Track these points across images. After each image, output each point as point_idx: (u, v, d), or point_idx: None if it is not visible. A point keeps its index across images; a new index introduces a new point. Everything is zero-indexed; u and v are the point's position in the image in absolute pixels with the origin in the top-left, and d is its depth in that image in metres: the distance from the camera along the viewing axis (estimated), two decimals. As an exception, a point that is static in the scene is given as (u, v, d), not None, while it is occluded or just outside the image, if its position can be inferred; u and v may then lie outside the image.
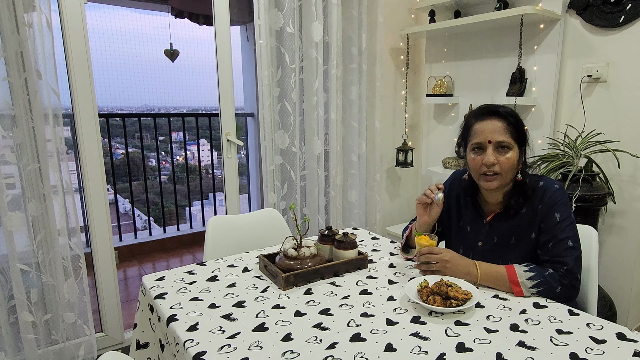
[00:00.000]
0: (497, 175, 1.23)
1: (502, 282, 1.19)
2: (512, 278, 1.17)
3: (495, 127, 1.21)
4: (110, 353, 0.86)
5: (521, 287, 1.16)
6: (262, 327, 1.02)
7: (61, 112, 1.73)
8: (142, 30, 4.99)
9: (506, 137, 1.21)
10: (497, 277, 1.20)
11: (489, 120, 1.23)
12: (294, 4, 2.24)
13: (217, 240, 1.69)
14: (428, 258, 1.24)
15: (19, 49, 1.63)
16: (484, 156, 1.22)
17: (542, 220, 1.24)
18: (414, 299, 1.09)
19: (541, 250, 1.24)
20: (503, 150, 1.22)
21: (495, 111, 1.24)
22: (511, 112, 1.24)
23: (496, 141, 1.21)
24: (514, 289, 1.17)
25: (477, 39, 2.60)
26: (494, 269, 1.21)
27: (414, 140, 3.08)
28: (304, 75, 2.39)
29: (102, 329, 2.14)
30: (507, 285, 1.18)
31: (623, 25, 2.03)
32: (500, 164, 1.21)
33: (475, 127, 1.25)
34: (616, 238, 2.16)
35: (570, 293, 1.17)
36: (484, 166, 1.23)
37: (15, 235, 1.69)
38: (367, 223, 2.84)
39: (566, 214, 1.22)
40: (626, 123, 2.07)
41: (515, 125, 1.23)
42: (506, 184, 1.27)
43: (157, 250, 3.92)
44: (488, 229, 1.34)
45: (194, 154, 4.61)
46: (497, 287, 1.21)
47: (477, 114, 1.27)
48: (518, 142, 1.23)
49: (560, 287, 1.15)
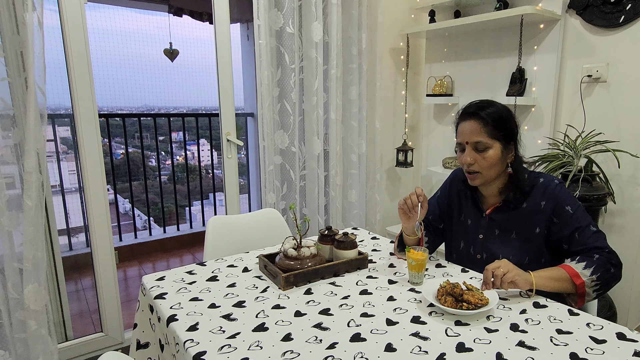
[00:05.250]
0: (476, 173, 1.28)
1: (562, 279, 1.16)
2: (570, 271, 1.16)
3: (472, 128, 1.26)
4: (110, 353, 0.86)
5: (582, 278, 1.15)
6: (262, 327, 1.02)
7: (46, 112, 1.68)
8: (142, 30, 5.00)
9: (482, 138, 1.24)
10: (555, 275, 1.17)
11: (467, 122, 1.28)
12: (294, 4, 2.24)
13: (217, 240, 1.69)
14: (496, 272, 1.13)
15: (19, 48, 1.63)
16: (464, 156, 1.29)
17: (554, 216, 1.25)
18: (426, 296, 1.10)
19: (568, 244, 1.24)
20: (481, 150, 1.26)
21: (474, 112, 1.27)
22: (492, 112, 1.25)
23: (472, 142, 1.26)
24: (576, 281, 1.15)
25: (477, 39, 2.60)
26: (548, 271, 1.18)
27: (414, 140, 3.08)
28: (303, 75, 2.38)
29: (102, 329, 2.14)
30: (568, 281, 1.16)
31: (623, 25, 2.03)
32: (478, 162, 1.26)
33: (459, 127, 1.31)
34: (616, 238, 2.16)
35: (619, 271, 1.20)
36: (465, 165, 1.29)
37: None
38: (367, 223, 2.84)
39: (576, 205, 1.25)
40: (626, 123, 2.07)
41: (495, 124, 1.24)
42: (491, 180, 1.30)
43: (157, 250, 3.92)
44: (488, 222, 1.36)
45: (194, 154, 4.61)
46: (557, 288, 1.17)
47: (461, 114, 1.32)
48: (502, 139, 1.25)
49: (612, 267, 1.18)
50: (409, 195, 1.33)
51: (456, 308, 1.05)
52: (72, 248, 3.50)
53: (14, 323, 1.74)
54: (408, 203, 1.32)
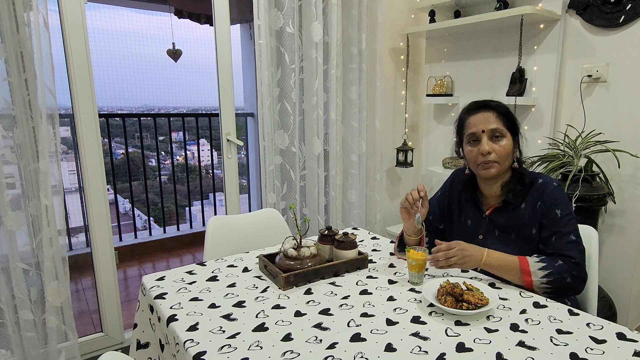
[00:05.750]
0: (494, 163, 1.27)
1: (513, 271, 1.20)
2: (524, 267, 1.19)
3: (487, 117, 1.27)
4: (110, 353, 0.86)
5: (532, 277, 1.17)
6: (262, 327, 1.02)
7: (57, 112, 1.71)
8: (142, 30, 5.00)
9: (499, 125, 1.26)
10: (508, 265, 1.21)
11: (481, 113, 1.29)
12: (294, 4, 2.24)
13: (217, 240, 1.69)
14: (446, 254, 1.23)
15: (19, 49, 1.63)
16: (480, 146, 1.27)
17: (543, 217, 1.26)
18: (426, 295, 1.11)
19: (544, 245, 1.26)
20: (497, 139, 1.26)
21: (486, 104, 1.30)
22: (500, 104, 1.30)
23: (489, 129, 1.26)
24: (524, 279, 1.18)
25: (477, 39, 2.60)
26: (506, 257, 1.23)
27: (414, 140, 3.08)
28: (303, 75, 2.38)
29: (102, 329, 2.14)
30: (517, 275, 1.19)
31: (623, 25, 2.03)
32: (496, 151, 1.26)
33: (469, 121, 1.31)
34: (616, 238, 2.16)
35: (579, 284, 1.19)
36: (481, 156, 1.27)
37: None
38: (367, 223, 2.84)
39: (567, 210, 1.25)
40: (626, 123, 2.07)
41: (506, 114, 1.28)
42: (504, 172, 1.31)
43: (157, 250, 3.92)
44: (488, 223, 1.36)
45: (194, 154, 4.61)
46: (505, 276, 1.22)
47: (469, 109, 1.33)
48: (511, 131, 1.28)
49: (571, 278, 1.17)
50: (410, 191, 1.34)
51: (456, 308, 1.05)
52: (72, 248, 3.50)
53: (20, 323, 1.74)
54: (409, 199, 1.33)
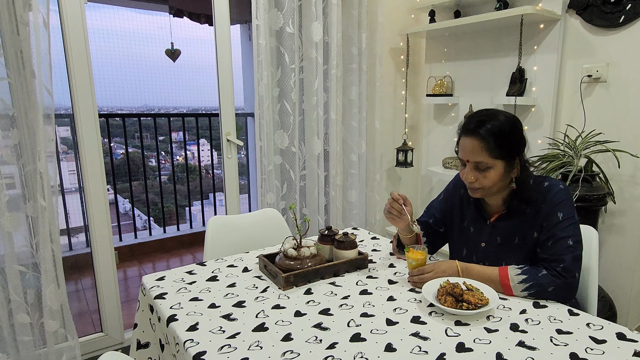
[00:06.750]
0: (478, 189, 1.25)
1: (492, 284, 1.19)
2: (503, 281, 1.19)
3: (473, 147, 1.20)
4: (110, 353, 0.86)
5: (512, 291, 1.18)
6: (262, 327, 1.02)
7: (53, 112, 1.69)
8: (142, 30, 4.99)
9: (484, 158, 1.19)
10: (489, 278, 1.21)
11: (469, 139, 1.21)
12: (294, 4, 2.24)
13: (217, 240, 1.69)
14: (421, 279, 1.24)
15: (19, 48, 1.63)
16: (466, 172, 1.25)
17: (544, 219, 1.23)
18: (426, 295, 1.11)
19: (540, 249, 1.23)
20: (482, 170, 1.21)
21: (474, 130, 1.20)
22: (495, 129, 1.18)
23: (473, 162, 1.22)
24: (505, 292, 1.19)
25: (477, 39, 2.60)
26: (487, 271, 1.22)
27: (414, 140, 3.08)
28: (303, 75, 2.38)
29: (102, 329, 2.14)
30: (499, 288, 1.19)
31: (623, 25, 2.03)
32: (480, 181, 1.23)
33: (460, 142, 1.26)
34: (616, 238, 2.16)
35: (564, 293, 1.16)
36: (466, 180, 1.26)
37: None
38: (367, 223, 2.84)
39: (569, 213, 1.21)
40: (626, 123, 2.07)
41: (497, 141, 1.18)
42: (493, 194, 1.27)
43: (157, 250, 3.92)
44: (491, 230, 1.33)
45: (194, 154, 4.62)
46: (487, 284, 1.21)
47: (464, 127, 1.25)
48: (505, 156, 1.20)
49: (553, 287, 1.15)
50: (389, 204, 1.33)
51: (456, 308, 1.05)
52: (72, 248, 3.50)
53: (15, 326, 1.74)
54: (394, 212, 1.32)
